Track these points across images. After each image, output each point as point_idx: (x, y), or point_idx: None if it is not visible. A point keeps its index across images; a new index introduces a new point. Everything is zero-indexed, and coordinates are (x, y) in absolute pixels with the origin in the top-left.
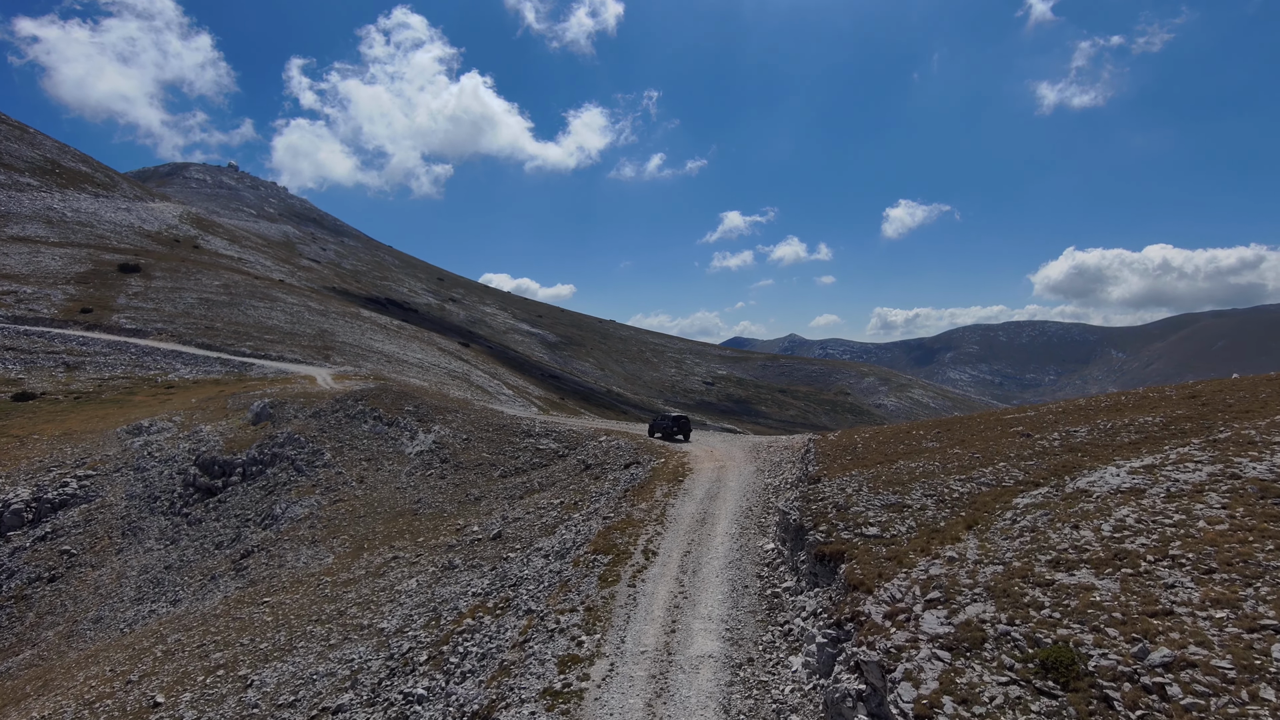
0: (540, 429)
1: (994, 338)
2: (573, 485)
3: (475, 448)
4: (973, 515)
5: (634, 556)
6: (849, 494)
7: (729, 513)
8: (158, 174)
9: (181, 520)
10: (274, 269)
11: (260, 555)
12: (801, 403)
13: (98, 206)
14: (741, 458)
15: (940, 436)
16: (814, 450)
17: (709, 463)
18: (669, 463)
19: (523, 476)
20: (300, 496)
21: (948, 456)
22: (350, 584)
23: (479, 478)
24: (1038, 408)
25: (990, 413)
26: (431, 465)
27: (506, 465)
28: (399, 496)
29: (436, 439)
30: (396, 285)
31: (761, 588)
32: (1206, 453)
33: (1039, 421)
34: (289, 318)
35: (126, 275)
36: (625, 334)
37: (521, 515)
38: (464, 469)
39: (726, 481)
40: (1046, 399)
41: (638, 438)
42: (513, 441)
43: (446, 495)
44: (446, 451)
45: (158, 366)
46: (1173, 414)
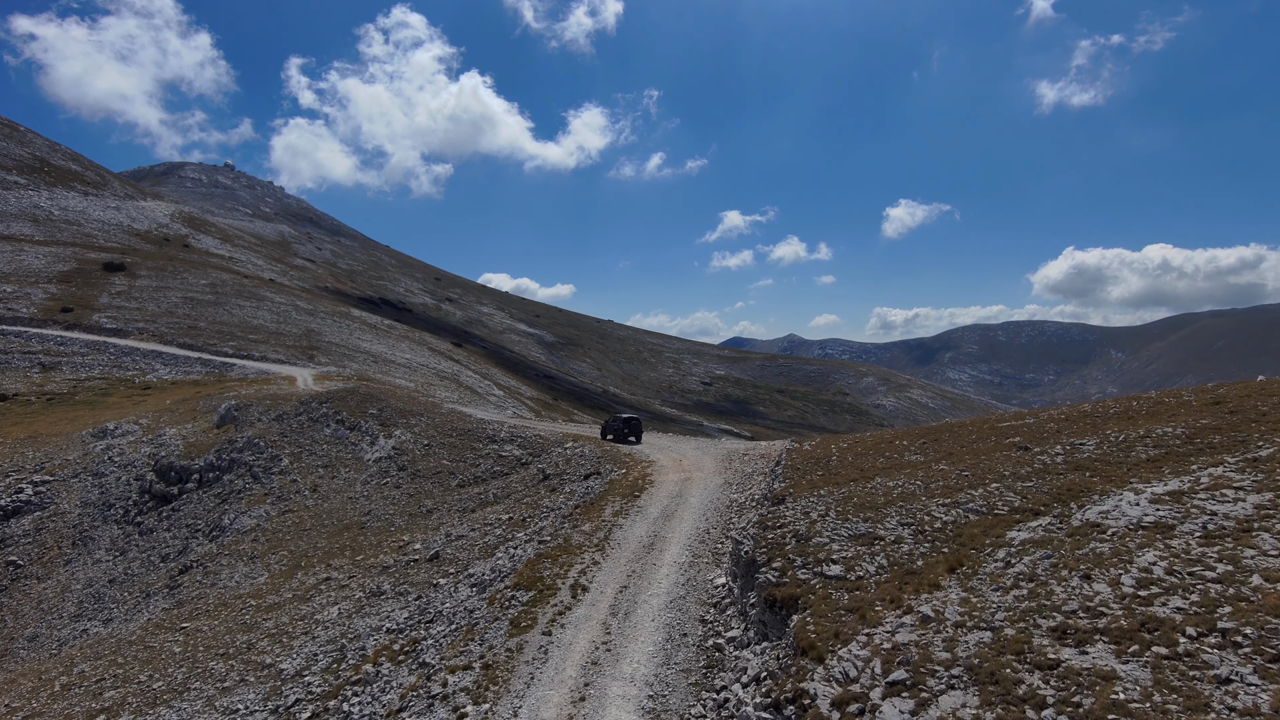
0: (506, 434)
1: (993, 338)
2: (527, 498)
3: (435, 454)
4: (957, 553)
5: (560, 593)
6: (813, 520)
7: (682, 537)
8: (153, 173)
9: (133, 530)
10: (265, 268)
11: (197, 571)
12: (800, 403)
13: (86, 205)
14: (711, 468)
15: (926, 448)
16: (785, 463)
17: (674, 474)
18: (629, 474)
19: (480, 487)
20: (250, 506)
21: (932, 474)
22: (273, 609)
23: (435, 487)
24: (1038, 414)
25: (984, 419)
26: (388, 473)
27: (466, 474)
28: (349, 508)
29: (397, 445)
30: (392, 285)
31: (703, 636)
32: (1247, 476)
33: (1039, 431)
34: (275, 317)
35: (111, 274)
36: (623, 334)
37: (467, 532)
38: (421, 478)
39: (688, 497)
40: (1046, 399)
41: (606, 444)
42: (475, 448)
43: (398, 507)
44: (405, 458)
45: (136, 367)
46: (1196, 424)
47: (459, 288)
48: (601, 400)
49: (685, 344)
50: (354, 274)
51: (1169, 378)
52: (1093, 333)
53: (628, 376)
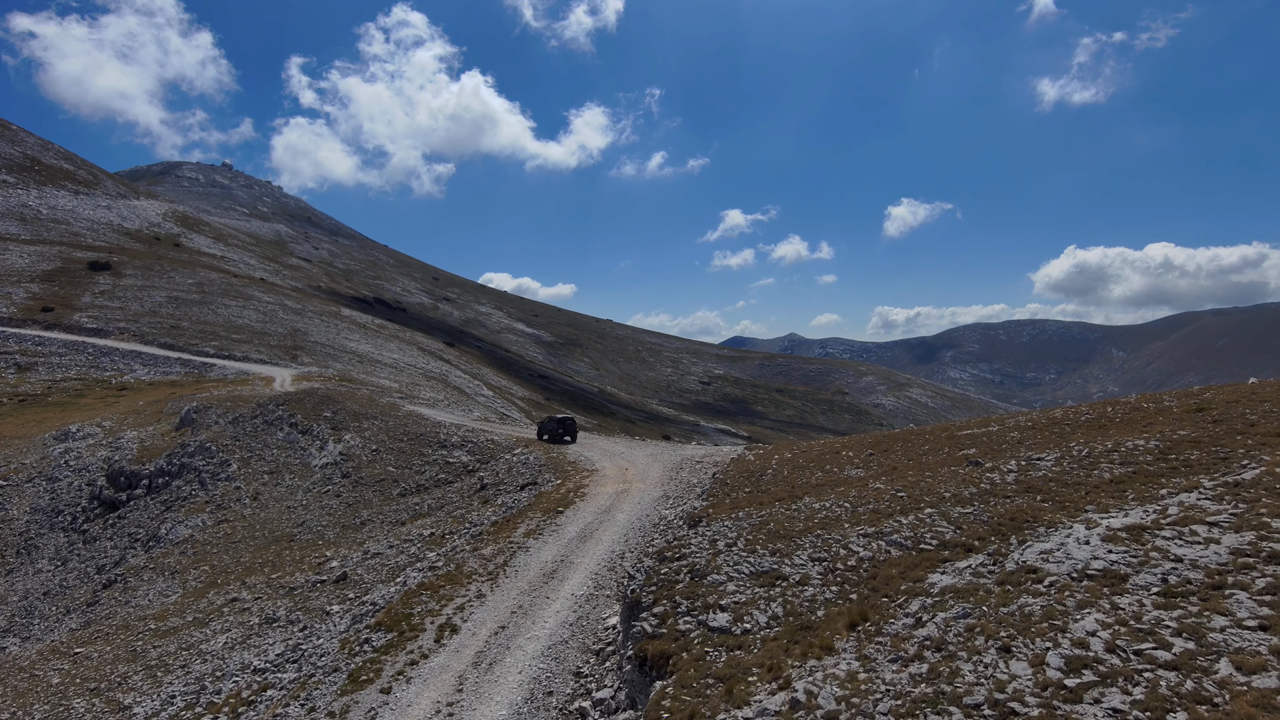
0: (458, 439)
1: (994, 336)
2: (459, 510)
3: (382, 460)
4: (864, 602)
5: (423, 636)
6: (719, 550)
7: (592, 563)
8: (150, 173)
9: (79, 538)
10: (258, 267)
11: (119, 587)
12: (799, 402)
13: (76, 204)
14: (656, 478)
15: (871, 461)
16: (718, 476)
17: (612, 485)
18: (564, 485)
19: (420, 496)
20: (188, 515)
21: (865, 494)
22: (167, 635)
23: (376, 496)
24: (1003, 420)
25: (944, 427)
26: (332, 480)
27: (409, 482)
28: (285, 518)
29: (344, 450)
30: (389, 285)
31: (571, 695)
32: (1225, 506)
33: (998, 441)
34: (261, 317)
35: (95, 273)
36: (622, 333)
37: (384, 550)
38: (364, 485)
39: (616, 513)
40: (1047, 398)
41: (555, 449)
42: (423, 453)
43: (334, 518)
44: (351, 464)
45: (114, 367)
46: (1173, 435)
47: (457, 287)
48: (597, 400)
49: (684, 343)
50: (350, 274)
51: (1170, 376)
52: (1094, 331)
53: (625, 376)
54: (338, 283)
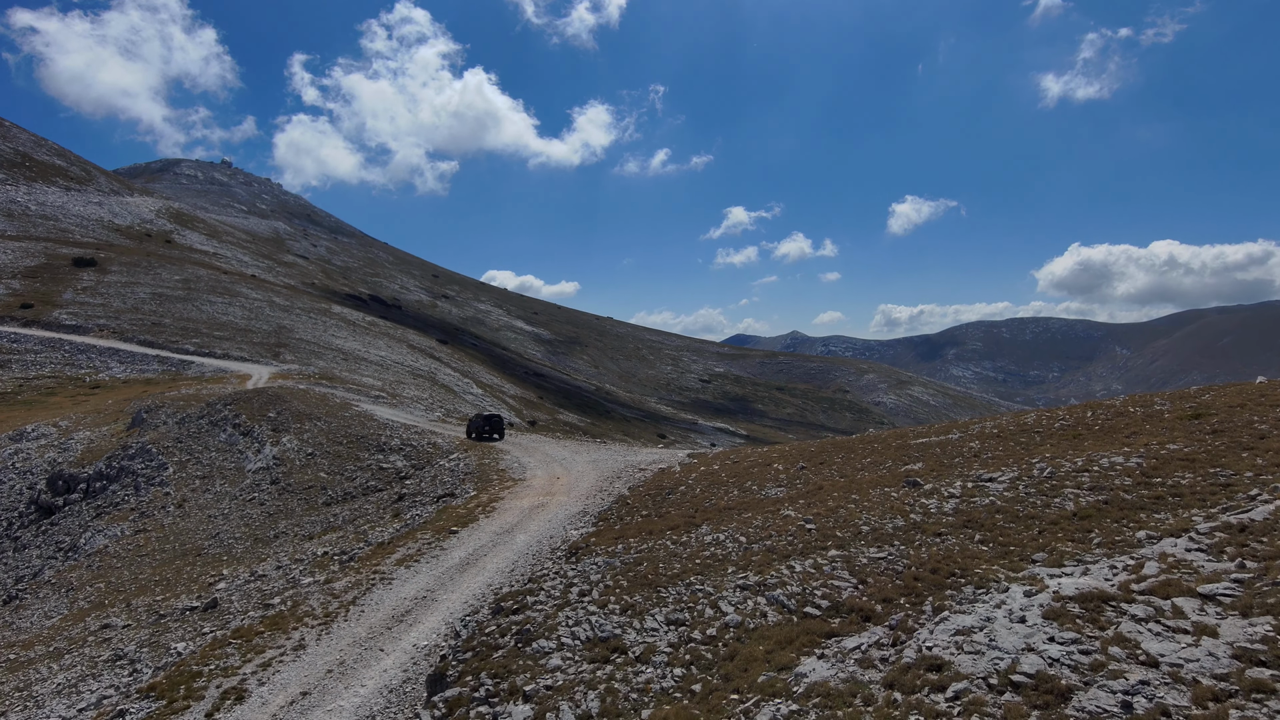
0: (399, 442)
1: (997, 334)
2: (365, 524)
3: (316, 465)
4: (703, 703)
5: (194, 709)
6: (569, 600)
7: (458, 602)
8: (149, 170)
9: (10, 546)
10: (250, 264)
11: (16, 604)
12: (799, 400)
13: (66, 200)
14: (586, 488)
15: (799, 477)
16: (622, 493)
17: (531, 497)
18: (479, 497)
19: (343, 506)
20: (111, 523)
21: (769, 524)
22: (18, 668)
23: (300, 505)
24: (966, 426)
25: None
26: (260, 486)
27: (337, 489)
28: (202, 529)
29: (280, 453)
30: (388, 282)
31: None
32: (1225, 564)
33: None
34: (247, 313)
35: (80, 269)
36: (622, 331)
37: (271, 572)
38: (290, 493)
39: (517, 535)
40: (1050, 396)
41: (492, 453)
42: (359, 458)
43: (250, 529)
44: (282, 469)
45: (90, 365)
46: (1160, 450)
47: (457, 285)
48: (593, 398)
49: (685, 341)
50: (348, 271)
51: (1174, 374)
52: (1097, 329)
53: (625, 374)
54: (334, 280)
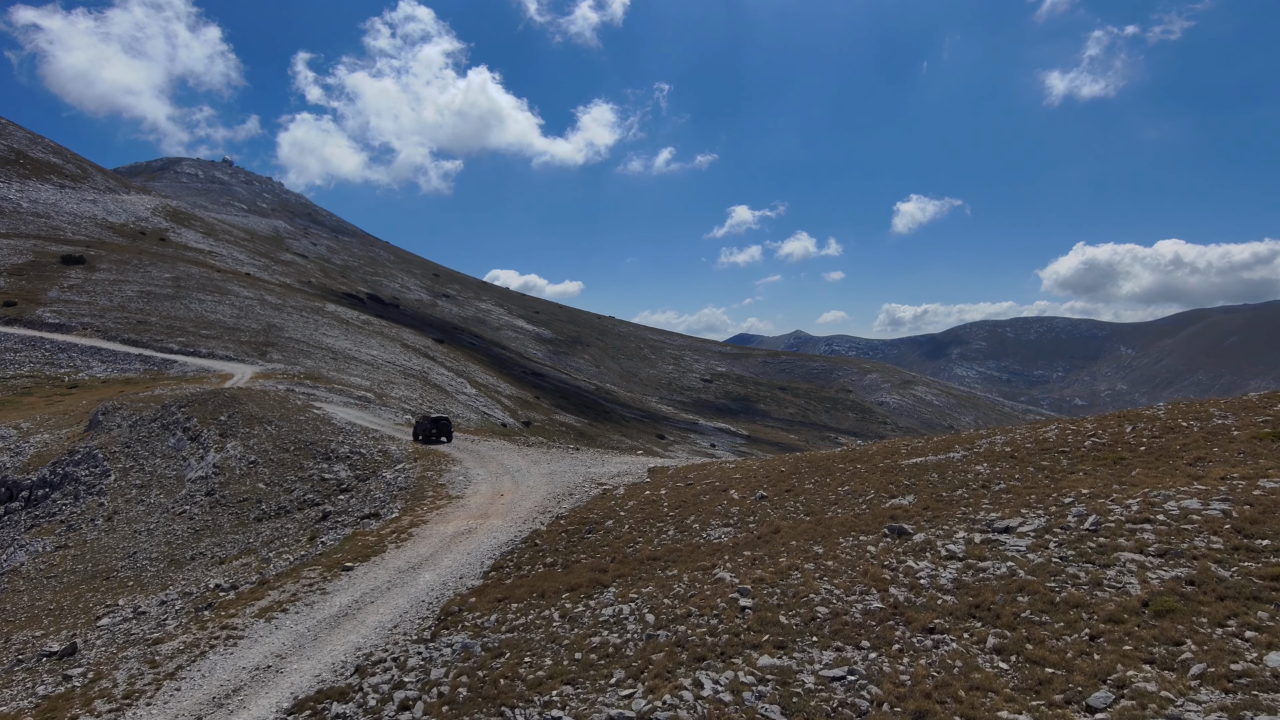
0: (348, 449)
1: (1001, 334)
2: (280, 548)
3: (257, 474)
4: None
5: None
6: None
7: (305, 679)
8: (150, 169)
9: None
10: (246, 262)
11: None
12: (801, 400)
13: (60, 198)
14: (527, 510)
15: (753, 513)
16: (542, 527)
17: (460, 521)
18: (403, 519)
19: (270, 524)
20: (36, 538)
21: (693, 593)
22: None
23: (229, 521)
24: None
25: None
26: (194, 498)
27: (272, 503)
28: (122, 546)
29: (221, 460)
30: (388, 281)
31: None
32: None
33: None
34: (236, 312)
35: (68, 267)
36: (624, 330)
37: (152, 609)
38: (223, 506)
39: (422, 574)
40: (1054, 395)
41: (440, 463)
42: (303, 467)
43: (170, 548)
44: (220, 479)
45: (70, 364)
46: (1254, 491)
47: (458, 284)
48: (592, 398)
49: (687, 340)
50: (348, 270)
51: (1179, 374)
52: (1102, 329)
53: (626, 374)
54: (332, 279)
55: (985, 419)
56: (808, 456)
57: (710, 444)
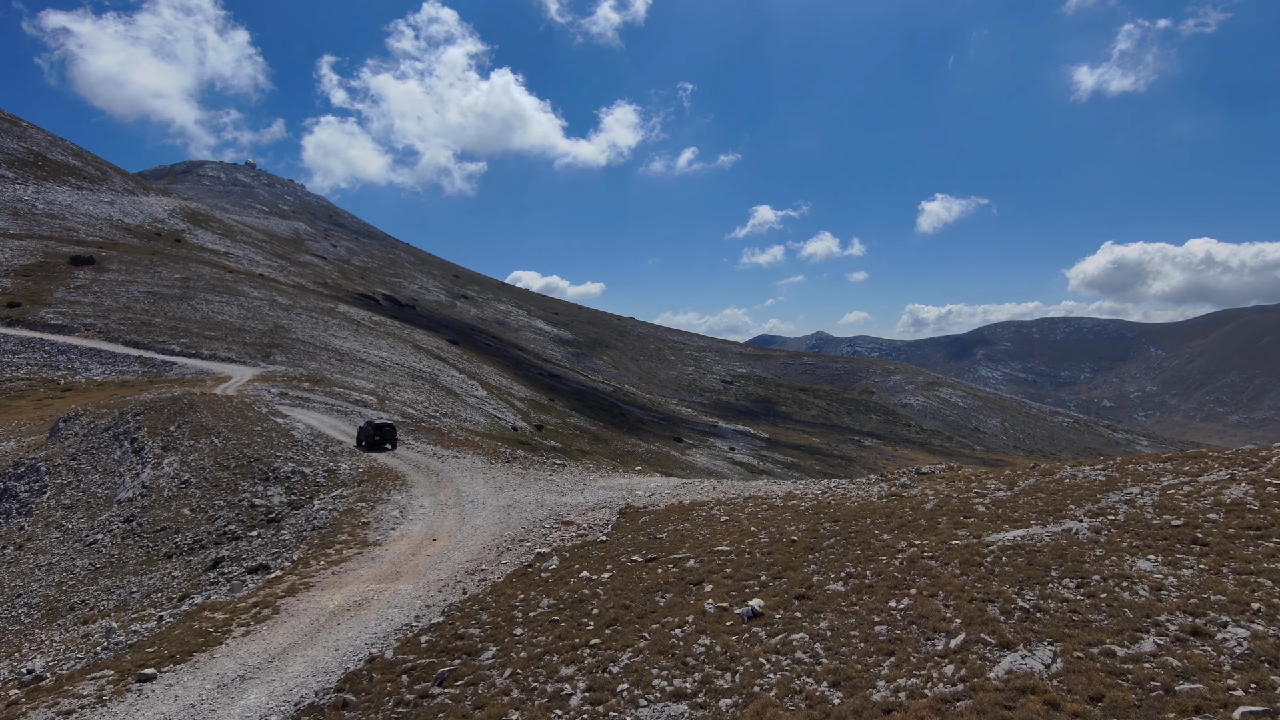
0: (292, 467)
1: (1028, 334)
2: (143, 609)
3: (186, 496)
4: None
5: None
6: None
7: None
8: (172, 171)
9: None
10: (261, 263)
11: None
12: (823, 402)
13: (76, 199)
14: (453, 569)
15: (729, 669)
16: (465, 598)
17: (357, 585)
18: (284, 580)
19: (177, 562)
20: None
21: None
22: None
23: (136, 557)
24: (1093, 493)
25: (952, 507)
26: (111, 525)
27: (188, 535)
28: (14, 584)
29: (153, 479)
30: (407, 282)
31: None
32: None
33: (1111, 607)
34: (244, 313)
35: (76, 268)
36: (644, 331)
37: None
38: (137, 536)
39: (250, 689)
40: (1082, 397)
41: (382, 493)
42: (237, 489)
43: (58, 591)
44: (145, 501)
45: (68, 366)
46: None
47: (477, 285)
48: (610, 400)
49: (707, 341)
50: (367, 271)
51: (1211, 375)
52: (1131, 329)
53: (645, 375)
54: (350, 280)
55: (1012, 422)
56: (834, 510)
57: (730, 447)
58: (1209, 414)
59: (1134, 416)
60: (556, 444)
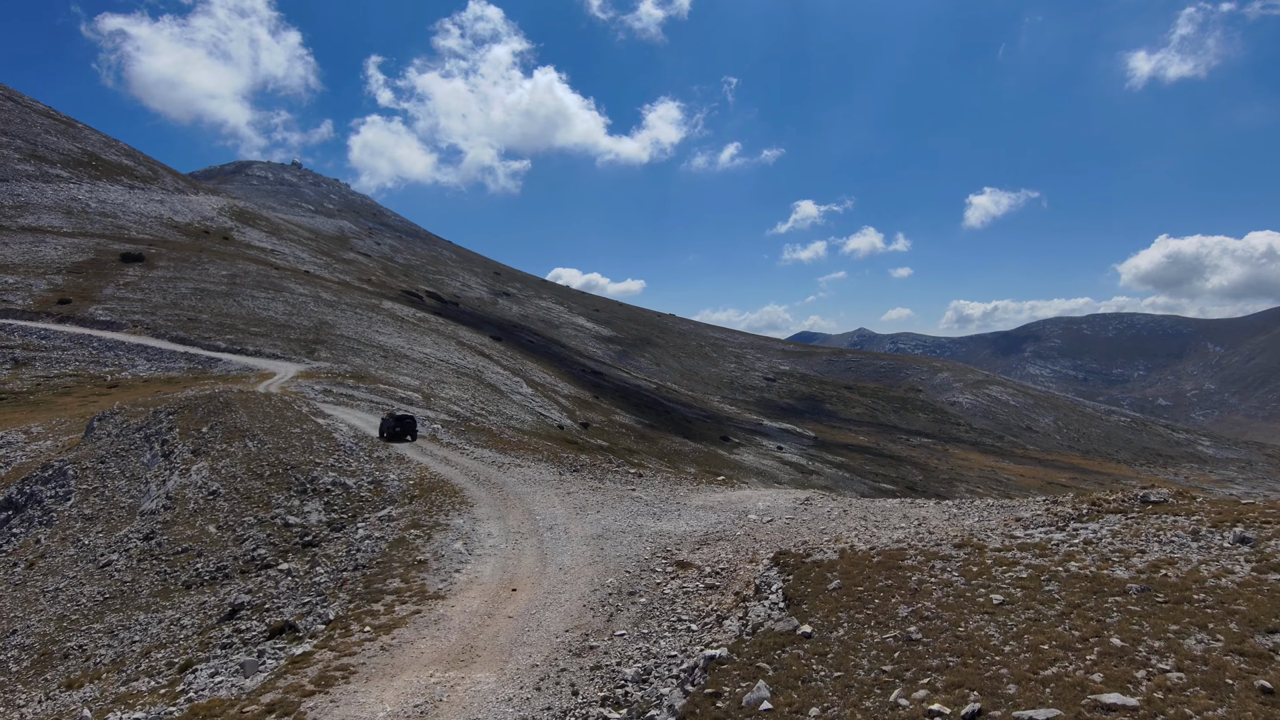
0: (332, 478)
1: (1078, 331)
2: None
3: (213, 511)
4: None
5: None
6: None
7: None
8: (222, 172)
9: None
10: (307, 260)
11: None
12: (869, 400)
13: (128, 198)
14: (549, 646)
15: None
16: None
17: (423, 667)
18: (319, 652)
19: (194, 597)
20: None
21: None
22: None
23: (151, 584)
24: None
25: None
26: (129, 542)
27: (211, 559)
28: (15, 612)
29: (178, 488)
30: (450, 280)
31: None
32: None
33: None
34: (289, 309)
35: (126, 265)
36: (684, 328)
37: None
38: (155, 558)
39: None
40: (1135, 395)
41: (450, 512)
42: (270, 502)
43: (59, 627)
44: (168, 515)
45: (116, 363)
46: None
47: (519, 282)
48: (653, 398)
49: (749, 338)
50: (410, 269)
51: (1273, 373)
52: (1187, 325)
53: (687, 372)
54: (394, 277)
55: (1066, 421)
56: (1197, 594)
57: (778, 446)
58: (1272, 413)
59: (1191, 415)
60: (603, 442)
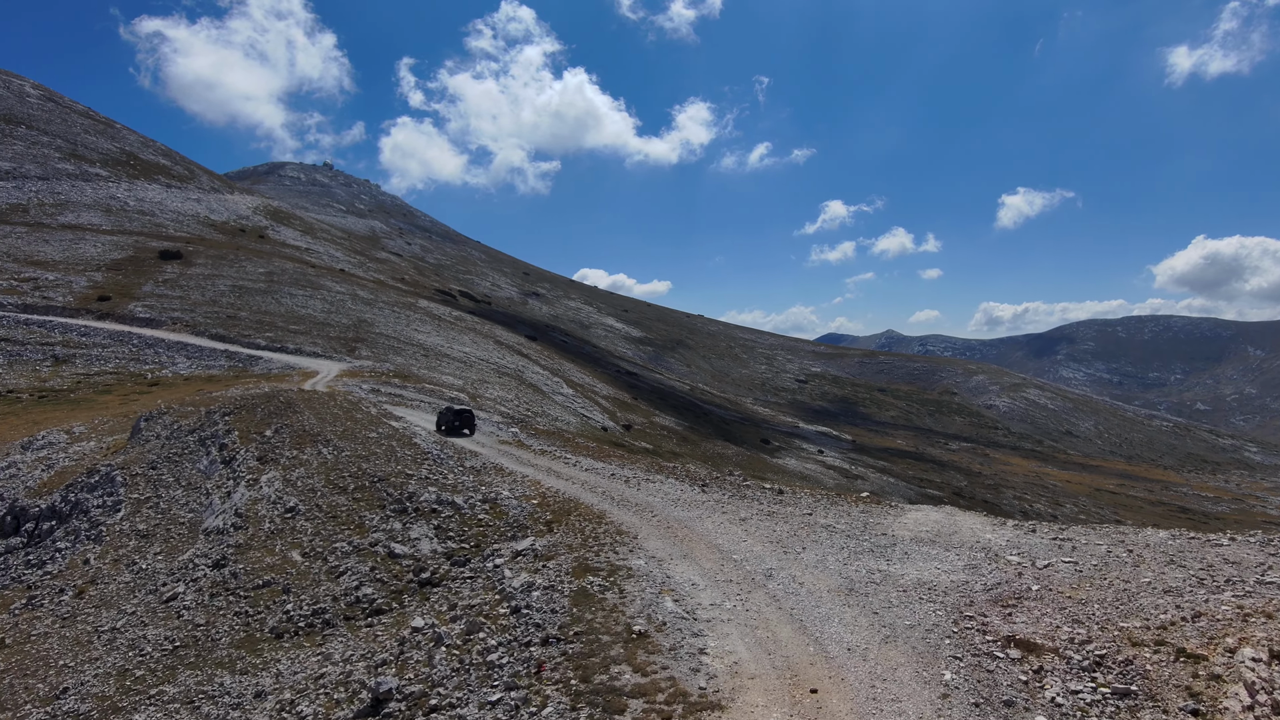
0: (433, 494)
1: (1112, 333)
2: None
3: (294, 532)
4: None
5: None
6: None
7: None
8: (256, 173)
9: None
10: (341, 259)
11: None
12: (902, 403)
13: (166, 196)
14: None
15: None
16: None
17: None
18: None
19: (287, 655)
20: None
21: None
22: None
23: (229, 630)
24: None
25: None
26: (197, 570)
27: (304, 598)
28: (60, 659)
29: (249, 502)
30: (479, 280)
31: None
32: None
33: None
34: (327, 307)
35: (165, 262)
36: (713, 329)
37: None
38: (230, 594)
39: None
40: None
41: (619, 558)
42: (364, 522)
43: (120, 687)
44: (240, 537)
45: (155, 360)
46: None
47: (547, 282)
48: (688, 399)
49: (778, 339)
50: (441, 268)
51: None
52: (1226, 328)
53: (717, 374)
54: (426, 276)
55: (1106, 425)
56: None
57: (818, 450)
58: None
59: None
60: (648, 445)
